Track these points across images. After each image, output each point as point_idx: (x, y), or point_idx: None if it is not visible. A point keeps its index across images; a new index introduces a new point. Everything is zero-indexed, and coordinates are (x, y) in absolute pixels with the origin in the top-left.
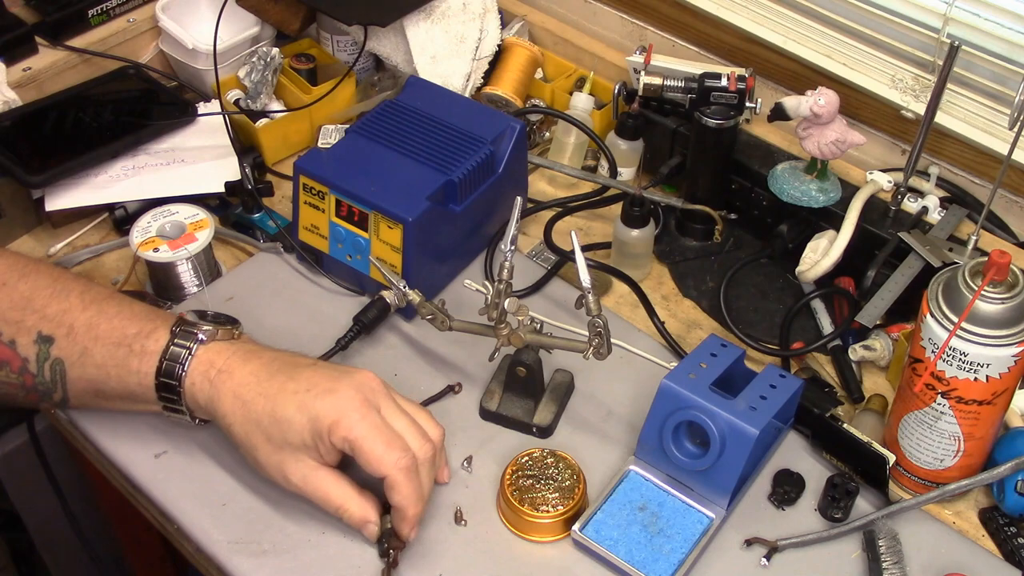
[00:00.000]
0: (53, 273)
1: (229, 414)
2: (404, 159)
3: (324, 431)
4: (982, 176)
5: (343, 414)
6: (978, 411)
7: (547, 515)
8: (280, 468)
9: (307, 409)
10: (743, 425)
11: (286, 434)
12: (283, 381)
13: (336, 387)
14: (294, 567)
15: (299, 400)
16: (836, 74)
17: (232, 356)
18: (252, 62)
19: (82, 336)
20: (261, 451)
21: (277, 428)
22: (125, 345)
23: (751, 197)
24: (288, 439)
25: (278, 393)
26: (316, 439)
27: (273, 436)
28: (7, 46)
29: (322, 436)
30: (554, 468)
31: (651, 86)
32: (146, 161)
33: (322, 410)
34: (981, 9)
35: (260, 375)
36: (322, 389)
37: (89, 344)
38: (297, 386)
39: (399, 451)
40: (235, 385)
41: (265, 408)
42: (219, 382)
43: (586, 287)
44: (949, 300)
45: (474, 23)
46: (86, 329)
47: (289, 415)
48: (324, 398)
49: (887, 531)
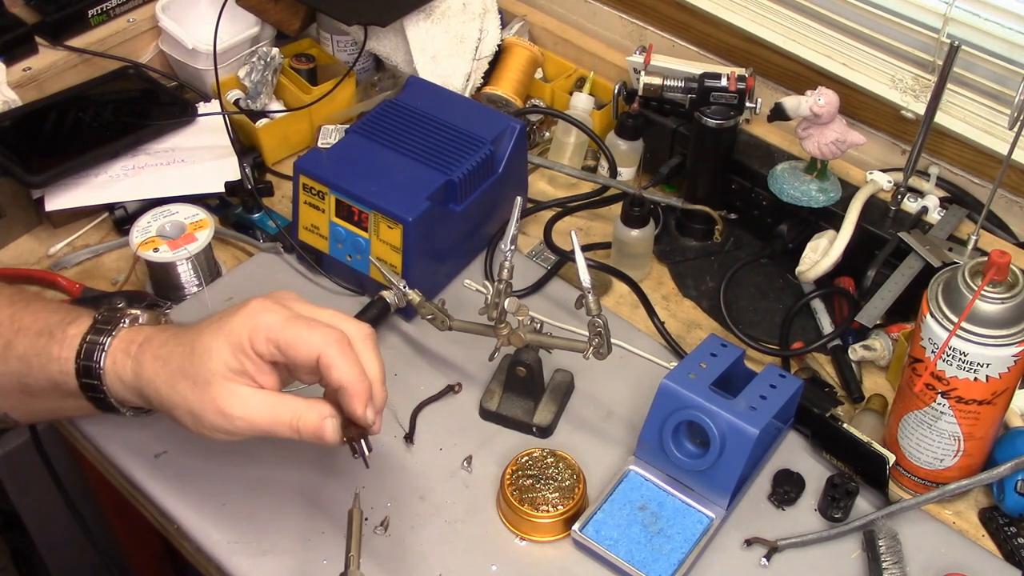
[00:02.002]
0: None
1: (153, 376)
2: (404, 159)
3: (245, 343)
4: (982, 176)
5: (256, 318)
6: (978, 411)
7: (547, 515)
8: (216, 405)
9: (222, 330)
10: (743, 425)
11: (210, 364)
12: (196, 329)
13: (245, 307)
14: (294, 567)
15: (213, 328)
16: (836, 74)
17: (152, 331)
18: (252, 62)
19: (5, 329)
20: (191, 397)
21: (199, 362)
22: (47, 333)
23: (751, 197)
24: (212, 368)
25: (193, 335)
26: (240, 356)
27: (198, 374)
28: (7, 46)
29: (244, 349)
30: (554, 468)
31: (651, 86)
32: (146, 161)
33: (236, 324)
34: (981, 9)
35: (177, 332)
36: (232, 311)
37: (11, 336)
38: (210, 321)
39: (324, 328)
40: (155, 347)
41: (184, 351)
42: (140, 353)
43: (586, 287)
44: (949, 300)
45: (474, 23)
46: (9, 322)
47: (207, 344)
48: (235, 314)
49: (887, 531)
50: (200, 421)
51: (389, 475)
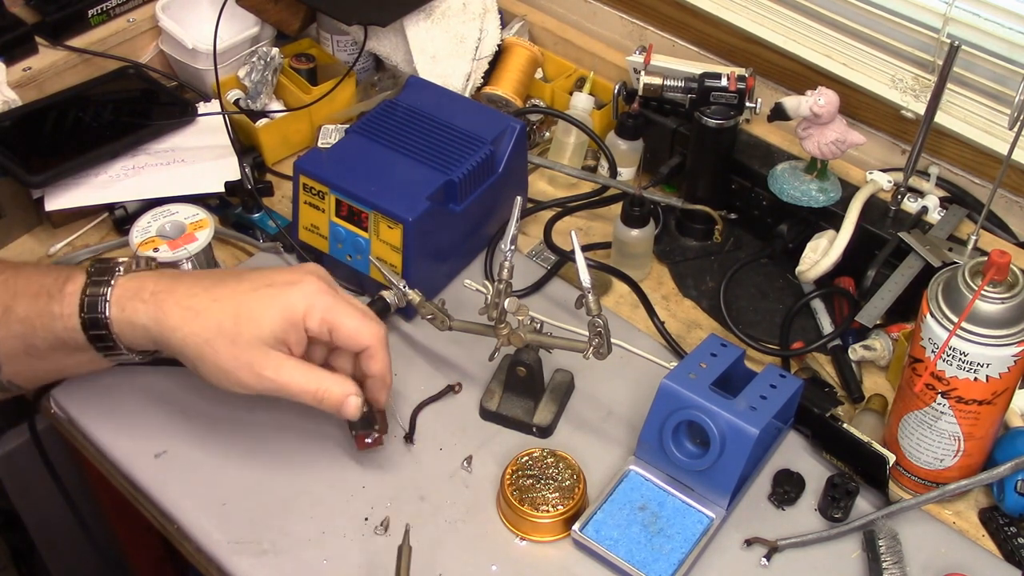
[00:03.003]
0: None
1: (181, 326)
2: (404, 159)
3: (299, 319)
4: (982, 176)
5: (314, 299)
6: (978, 411)
7: (547, 515)
8: (250, 367)
9: (276, 302)
10: (743, 425)
11: (257, 331)
12: (233, 285)
13: (296, 278)
14: (294, 567)
15: (263, 295)
16: (836, 74)
17: (161, 278)
18: (252, 62)
19: (1, 295)
20: (225, 355)
21: (246, 327)
22: (44, 294)
23: (751, 197)
24: (260, 335)
25: (235, 295)
26: (289, 329)
27: (240, 336)
28: (7, 46)
29: (296, 324)
30: (554, 468)
31: (651, 86)
32: (146, 161)
33: (293, 299)
34: (981, 9)
35: (204, 285)
36: (284, 281)
37: (9, 301)
38: (253, 284)
39: (374, 322)
40: (180, 297)
41: (226, 311)
42: (158, 301)
43: (586, 287)
44: (949, 300)
45: (474, 23)
46: (3, 288)
47: (257, 312)
48: (291, 289)
49: (887, 531)
50: (226, 376)
51: (389, 475)
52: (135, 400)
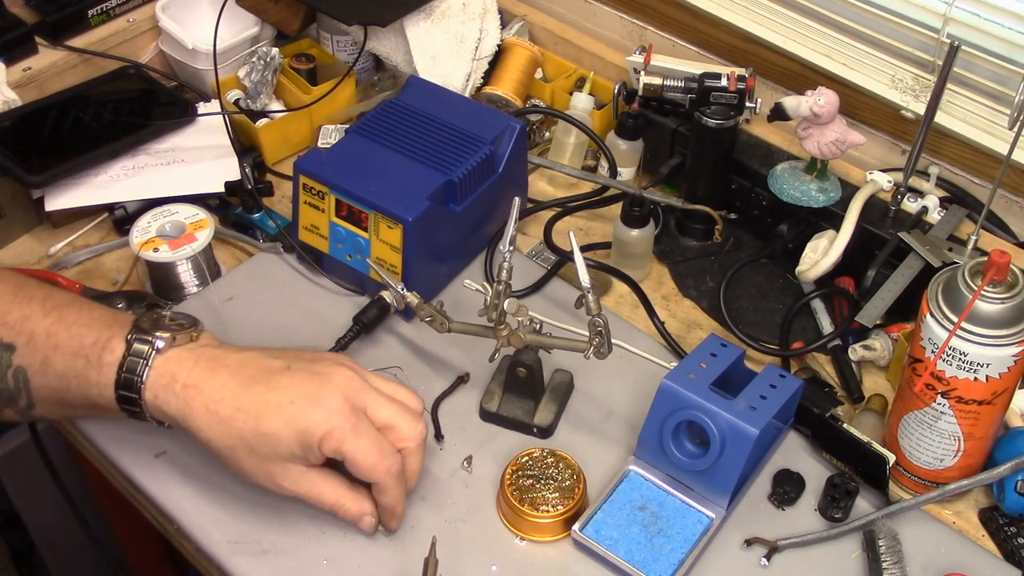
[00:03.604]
0: (17, 280)
1: (205, 429)
2: (404, 159)
3: (315, 444)
4: (982, 176)
5: (333, 426)
6: (978, 411)
7: (547, 515)
8: (270, 478)
9: (294, 424)
10: (743, 425)
11: (274, 448)
12: (261, 393)
13: (320, 396)
14: (294, 567)
15: (284, 414)
16: (836, 74)
17: (195, 367)
18: (252, 62)
19: (42, 345)
20: (246, 463)
21: (264, 443)
22: (83, 356)
23: (751, 197)
24: (277, 452)
25: (259, 407)
26: (305, 451)
27: (259, 450)
28: (7, 46)
29: (312, 448)
30: (554, 468)
31: (651, 86)
32: (146, 161)
33: (311, 424)
34: (981, 9)
35: (232, 387)
36: (307, 401)
37: (49, 353)
38: (279, 398)
39: (390, 457)
40: (207, 400)
41: (247, 424)
42: (188, 397)
43: (586, 287)
44: (949, 300)
45: (474, 23)
46: (46, 337)
47: (275, 430)
48: (311, 411)
49: (887, 531)
50: (248, 478)
51: None
52: None
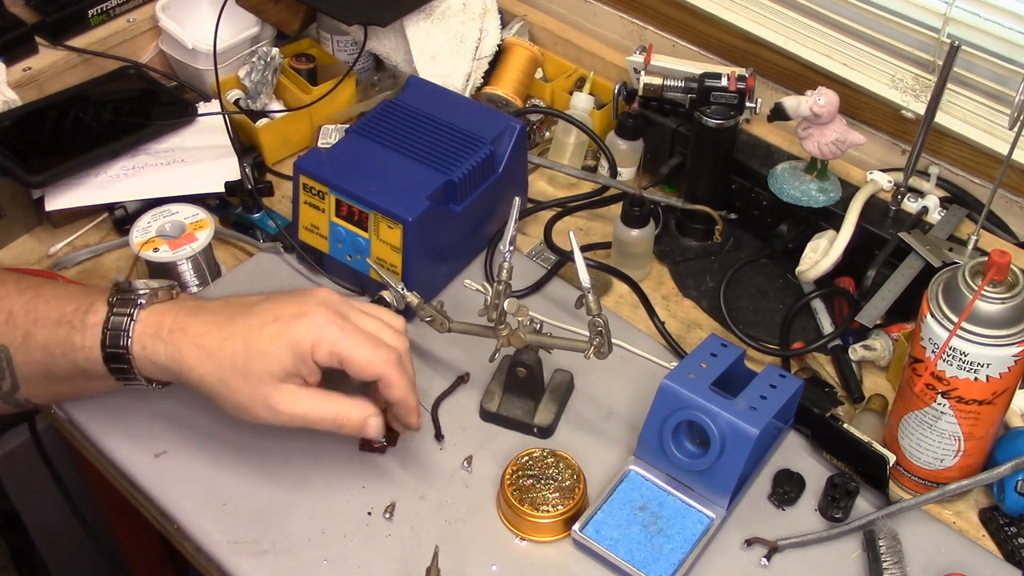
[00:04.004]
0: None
1: (196, 366)
2: (404, 159)
3: (307, 353)
4: (982, 176)
5: (321, 331)
6: (978, 411)
7: (547, 515)
8: (265, 402)
9: (283, 337)
10: (743, 425)
11: (267, 367)
12: (245, 319)
13: (303, 310)
14: (294, 567)
15: (271, 331)
16: (836, 74)
17: (179, 313)
18: (252, 62)
19: (22, 320)
20: (240, 392)
21: (256, 363)
22: (65, 323)
23: (751, 197)
24: (270, 370)
25: (245, 331)
26: (298, 363)
27: (252, 372)
28: (7, 46)
29: (304, 358)
30: (554, 468)
31: (651, 86)
32: (146, 161)
33: (299, 334)
34: (981, 9)
35: (217, 321)
36: (291, 315)
37: (30, 327)
38: (263, 319)
39: (384, 348)
40: (194, 338)
41: (236, 348)
42: (175, 339)
43: (586, 287)
44: (949, 300)
45: (474, 23)
46: (24, 313)
47: (265, 348)
48: (298, 322)
49: (887, 531)
50: (245, 411)
51: (389, 475)
52: (135, 400)
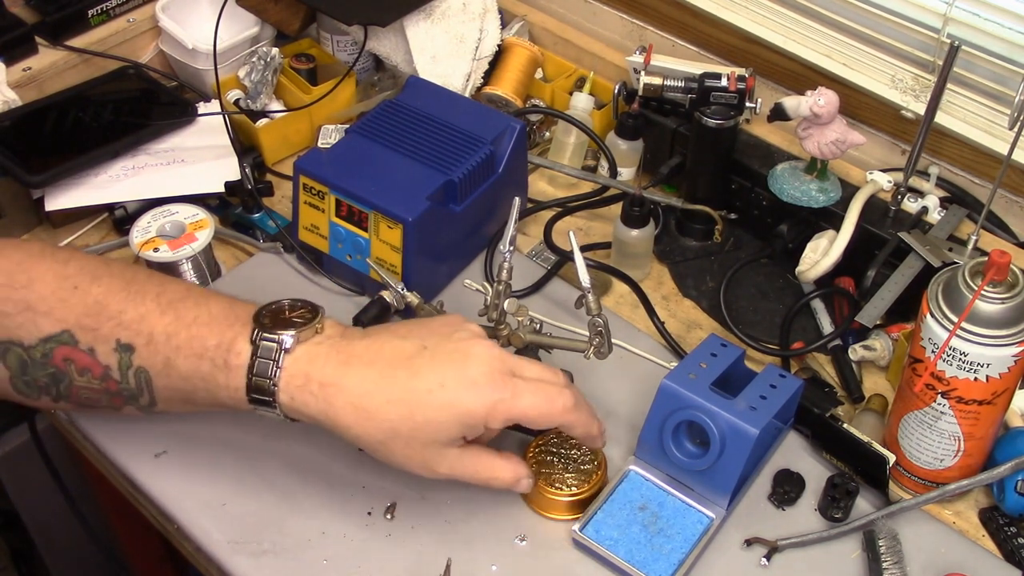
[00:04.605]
0: (126, 274)
1: (354, 426)
2: (404, 159)
3: (479, 423)
4: (982, 176)
5: (494, 401)
6: (978, 411)
7: (560, 493)
8: (425, 464)
9: (453, 408)
10: (743, 425)
11: (434, 435)
12: (405, 380)
13: (469, 374)
14: (294, 567)
15: (438, 400)
16: (836, 74)
17: (327, 363)
18: (252, 62)
19: (162, 346)
20: (400, 454)
21: (422, 432)
22: (208, 358)
23: (751, 197)
24: (436, 439)
25: (409, 395)
26: (466, 430)
27: (416, 439)
28: (7, 46)
29: (475, 427)
30: (577, 450)
31: (651, 86)
32: (146, 161)
33: (471, 405)
34: (981, 9)
35: (374, 379)
36: (457, 383)
37: (171, 355)
38: (427, 383)
39: (559, 398)
40: (351, 397)
41: (401, 413)
42: (328, 396)
43: (585, 287)
44: (949, 300)
45: (474, 23)
46: (165, 339)
47: (432, 416)
48: (467, 393)
49: (887, 531)
50: (399, 467)
51: (389, 475)
52: None
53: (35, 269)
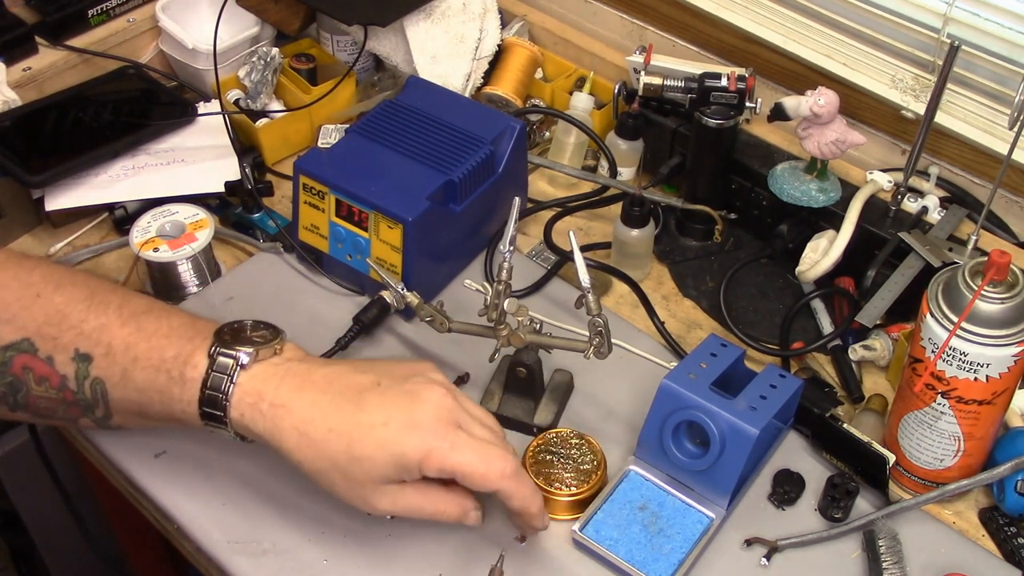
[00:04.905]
0: (90, 284)
1: (295, 451)
2: (404, 159)
3: (413, 466)
4: (982, 176)
5: (432, 446)
6: (978, 411)
7: (559, 493)
8: (364, 500)
9: (390, 447)
10: (743, 425)
11: (369, 472)
12: (351, 413)
13: (413, 417)
14: (294, 567)
15: (379, 437)
16: (836, 74)
17: (281, 384)
18: (252, 62)
19: (120, 356)
20: (339, 486)
21: (358, 467)
22: (164, 370)
23: (751, 197)
24: (372, 476)
25: (351, 428)
26: (402, 472)
27: (353, 474)
28: (7, 46)
29: (410, 470)
30: (577, 450)
31: (651, 86)
32: (146, 161)
33: (408, 447)
34: (981, 9)
35: (323, 407)
36: (400, 423)
37: (128, 366)
38: (371, 419)
39: (498, 460)
40: (296, 421)
41: (339, 447)
42: (276, 417)
43: (585, 287)
44: (949, 300)
45: (474, 23)
46: (124, 349)
47: (368, 453)
48: (408, 434)
49: (887, 531)
50: (341, 499)
51: None
52: None
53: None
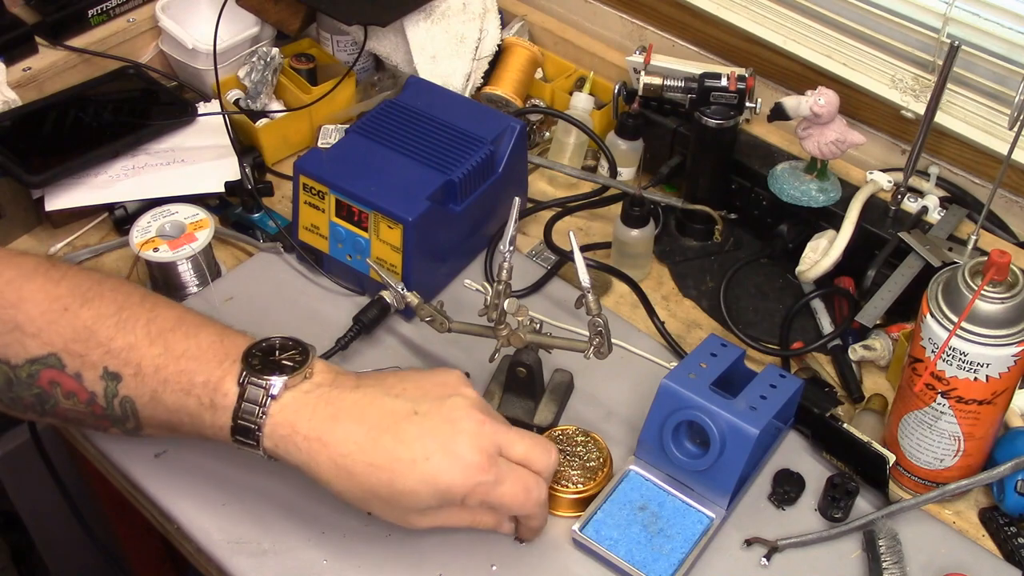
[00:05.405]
0: (118, 298)
1: (334, 482)
2: (404, 159)
3: (457, 499)
4: (982, 176)
5: (477, 481)
6: (978, 411)
7: (565, 490)
8: (404, 520)
9: (433, 483)
10: (743, 425)
11: (413, 503)
12: (391, 446)
13: (454, 450)
14: (294, 567)
15: (420, 472)
16: (836, 74)
17: (314, 416)
18: (252, 62)
19: (150, 379)
20: (381, 512)
21: (401, 500)
22: (194, 395)
23: (751, 197)
24: (416, 506)
25: (391, 463)
26: (445, 503)
27: (396, 503)
28: (7, 46)
29: (453, 502)
30: (583, 447)
31: (651, 86)
32: (146, 161)
33: (454, 483)
34: (981, 9)
35: (359, 440)
36: (442, 456)
37: (158, 387)
38: (412, 453)
39: (535, 490)
40: (334, 455)
41: (381, 481)
42: (312, 451)
43: (585, 287)
44: (949, 300)
45: (474, 23)
46: (153, 371)
47: (411, 487)
48: (451, 469)
49: (887, 531)
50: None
51: None
52: None
53: (26, 288)
